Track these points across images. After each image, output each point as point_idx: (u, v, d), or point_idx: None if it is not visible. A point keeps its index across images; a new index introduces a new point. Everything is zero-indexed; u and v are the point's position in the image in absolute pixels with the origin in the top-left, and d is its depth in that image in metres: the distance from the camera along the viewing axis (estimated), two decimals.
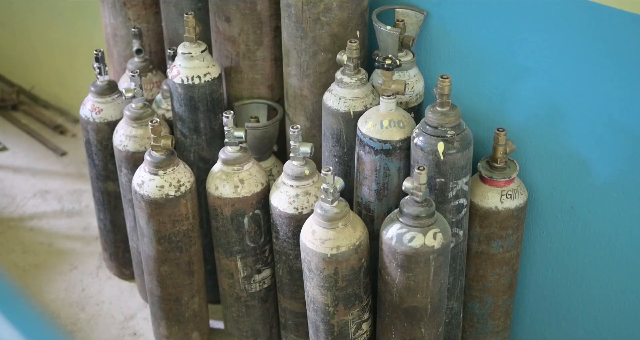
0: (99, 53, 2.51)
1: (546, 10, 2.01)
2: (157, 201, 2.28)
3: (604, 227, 2.15)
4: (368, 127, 2.10)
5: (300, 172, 2.18)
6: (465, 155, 2.04)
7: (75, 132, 3.65)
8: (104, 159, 2.61)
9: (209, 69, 2.35)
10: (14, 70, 4.02)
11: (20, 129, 3.70)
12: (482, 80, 2.20)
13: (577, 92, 2.04)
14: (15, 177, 3.43)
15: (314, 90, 2.29)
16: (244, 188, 2.26)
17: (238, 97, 2.49)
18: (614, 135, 2.03)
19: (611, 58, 1.95)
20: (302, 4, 2.18)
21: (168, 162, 2.27)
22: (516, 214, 2.17)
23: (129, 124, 2.45)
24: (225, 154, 2.27)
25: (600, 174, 2.09)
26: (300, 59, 2.26)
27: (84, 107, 2.58)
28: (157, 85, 2.71)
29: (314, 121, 2.33)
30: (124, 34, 2.72)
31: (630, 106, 1.98)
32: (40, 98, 3.88)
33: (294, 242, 2.22)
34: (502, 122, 2.19)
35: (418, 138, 2.04)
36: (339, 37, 2.21)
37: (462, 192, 2.09)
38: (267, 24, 2.37)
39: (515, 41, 2.10)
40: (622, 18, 1.89)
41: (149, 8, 2.69)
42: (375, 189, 2.15)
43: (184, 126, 2.42)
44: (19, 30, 3.87)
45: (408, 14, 2.23)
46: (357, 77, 2.16)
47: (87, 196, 3.27)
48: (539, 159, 2.18)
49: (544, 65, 2.07)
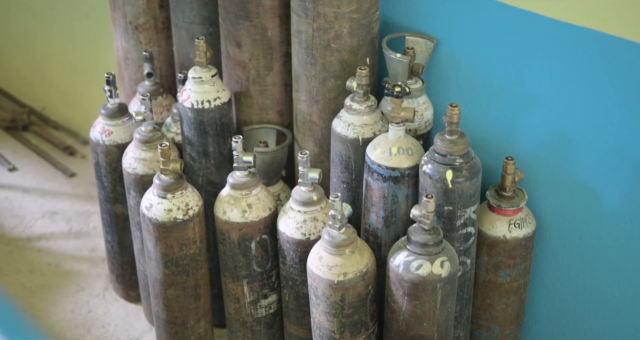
0: (110, 76, 2.52)
1: (555, 39, 2.01)
2: (165, 224, 2.28)
3: (613, 257, 2.14)
4: (377, 154, 2.10)
5: (309, 197, 2.18)
6: (474, 183, 2.04)
7: (85, 154, 3.66)
8: (113, 181, 2.62)
9: (219, 93, 2.36)
10: (25, 90, 4.04)
11: (30, 150, 3.72)
12: (491, 109, 2.21)
13: (586, 122, 2.04)
14: (24, 197, 3.44)
15: (323, 116, 2.30)
16: (251, 213, 2.26)
17: (247, 121, 2.50)
18: (623, 165, 2.02)
19: (620, 87, 1.96)
20: (312, 30, 2.19)
21: (176, 185, 2.27)
22: (524, 243, 2.17)
23: (139, 147, 2.46)
24: (234, 178, 2.27)
25: (609, 203, 2.08)
26: (310, 85, 2.27)
27: (94, 130, 2.59)
28: (167, 108, 2.72)
29: (323, 147, 2.34)
30: (135, 57, 2.74)
31: (639, 136, 1.97)
32: (51, 119, 3.90)
33: (301, 268, 2.22)
34: (511, 150, 2.19)
35: (426, 166, 2.04)
36: (349, 63, 2.22)
37: (470, 221, 2.09)
38: (277, 49, 2.38)
39: (524, 70, 2.11)
40: (631, 48, 1.89)
41: (161, 32, 2.71)
42: (383, 216, 2.15)
43: (193, 150, 2.43)
44: (31, 51, 3.90)
45: (418, 42, 2.24)
46: (366, 103, 2.16)
47: (95, 218, 3.28)
48: (548, 188, 2.18)
49: (553, 94, 2.08)
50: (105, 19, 2.98)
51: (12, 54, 4.04)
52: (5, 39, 4.04)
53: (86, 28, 3.50)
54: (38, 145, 3.75)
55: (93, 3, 3.38)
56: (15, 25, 3.93)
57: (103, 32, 3.30)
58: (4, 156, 3.67)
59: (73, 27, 3.57)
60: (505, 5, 2.07)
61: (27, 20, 3.83)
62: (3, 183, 3.52)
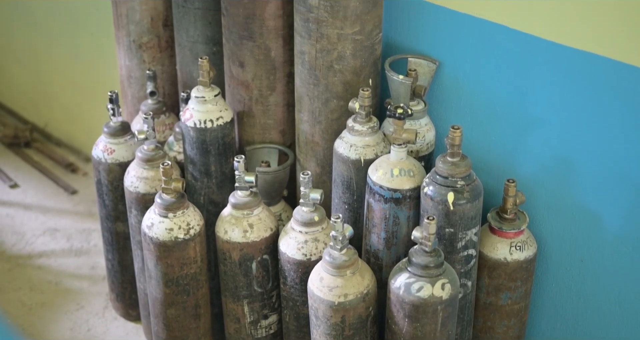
0: (113, 94, 2.53)
1: (557, 62, 2.02)
2: (166, 244, 2.28)
3: (614, 281, 2.13)
4: (378, 175, 2.10)
5: (310, 218, 2.18)
6: (475, 205, 2.04)
7: (87, 171, 3.67)
8: (114, 199, 2.62)
9: (221, 113, 2.36)
10: (28, 107, 4.05)
11: (32, 166, 3.72)
12: (493, 131, 2.21)
13: (588, 145, 2.05)
14: (25, 214, 3.44)
15: (325, 136, 2.30)
16: (253, 233, 2.26)
17: (250, 141, 2.51)
18: (624, 189, 2.02)
19: (622, 111, 1.96)
20: (315, 51, 2.20)
21: (178, 205, 2.28)
22: (525, 266, 2.17)
23: (141, 166, 2.46)
24: (236, 198, 2.27)
25: (611, 227, 2.08)
26: (313, 105, 2.27)
27: (97, 148, 2.60)
28: (169, 127, 2.72)
29: (325, 167, 2.34)
30: (138, 75, 2.75)
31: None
32: (53, 136, 3.90)
33: (301, 289, 2.22)
34: (512, 173, 2.19)
35: (428, 187, 2.04)
36: (352, 84, 2.23)
37: (471, 243, 2.09)
38: (280, 70, 2.39)
39: (526, 92, 2.11)
40: (632, 72, 1.90)
41: (164, 51, 2.72)
42: (384, 237, 2.15)
43: (195, 169, 2.43)
44: (35, 68, 3.91)
45: (420, 64, 2.25)
46: (368, 125, 2.17)
47: (96, 235, 3.27)
48: (549, 211, 2.18)
49: (554, 117, 2.08)
50: (109, 37, 2.99)
51: (16, 70, 4.05)
52: (9, 56, 4.05)
53: (90, 46, 3.51)
54: (40, 162, 3.76)
55: (97, 21, 3.39)
56: (19, 41, 3.94)
57: (107, 50, 3.31)
58: (5, 173, 3.67)
59: (77, 44, 3.58)
60: (507, 28, 2.07)
61: (31, 37, 3.84)
62: (4, 200, 3.52)
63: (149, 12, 2.65)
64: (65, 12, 3.60)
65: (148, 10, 2.65)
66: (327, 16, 2.14)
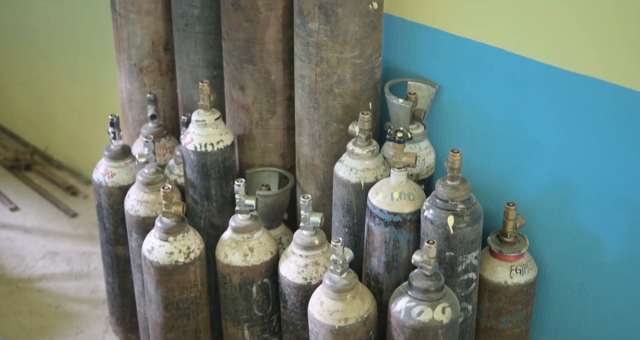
0: (114, 118, 2.54)
1: (556, 86, 2.03)
2: (166, 268, 2.28)
3: (615, 304, 2.13)
4: (378, 199, 2.10)
5: (310, 242, 2.18)
6: (475, 229, 2.04)
7: (87, 194, 3.67)
8: (114, 223, 2.62)
9: (222, 136, 2.37)
10: (29, 130, 4.07)
11: (32, 189, 3.73)
12: (492, 154, 2.22)
13: (587, 168, 2.05)
14: (25, 237, 3.44)
15: (325, 160, 2.31)
16: (253, 256, 2.26)
17: (250, 164, 2.51)
18: (624, 212, 2.03)
19: (620, 134, 1.97)
20: (315, 75, 2.21)
21: (178, 228, 2.28)
22: (526, 289, 2.16)
23: (141, 189, 2.46)
24: (236, 221, 2.27)
25: (611, 250, 2.08)
26: (313, 128, 2.28)
27: (97, 171, 2.60)
28: (170, 150, 2.73)
29: (325, 191, 2.34)
30: (139, 99, 2.76)
31: (639, 183, 1.98)
32: (54, 158, 3.91)
33: (302, 313, 2.21)
34: (512, 195, 2.19)
35: (428, 211, 2.04)
36: (352, 108, 2.23)
37: (472, 267, 2.09)
38: (280, 93, 2.40)
39: (525, 116, 2.12)
40: (630, 96, 1.90)
41: (165, 74, 2.73)
42: (384, 261, 2.15)
43: (196, 192, 2.43)
44: (35, 90, 3.93)
45: (420, 87, 2.25)
46: (368, 148, 2.17)
47: (96, 258, 3.27)
48: (549, 234, 2.18)
49: (553, 140, 2.09)
50: (110, 60, 3.01)
51: (17, 93, 4.07)
52: (11, 79, 4.07)
53: (91, 69, 3.53)
54: (41, 184, 3.76)
55: (98, 45, 3.41)
56: (20, 64, 3.96)
57: (107, 74, 3.32)
58: (6, 196, 3.68)
59: (78, 67, 3.60)
60: (506, 52, 2.09)
61: (32, 60, 3.86)
62: (5, 223, 3.53)
63: (150, 36, 2.67)
64: (66, 35, 3.62)
65: (149, 34, 2.67)
66: (327, 40, 2.15)
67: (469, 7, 2.12)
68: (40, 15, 3.73)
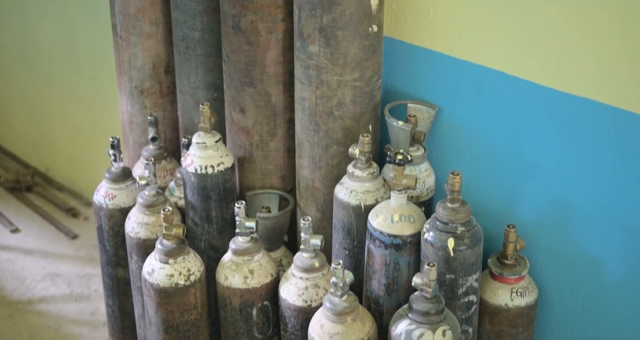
0: (114, 140, 2.54)
1: (555, 108, 2.03)
2: (166, 290, 2.27)
3: (616, 326, 2.12)
4: (378, 221, 2.10)
5: (310, 264, 2.18)
6: (476, 251, 2.04)
7: (88, 215, 3.67)
8: (115, 245, 2.62)
9: (222, 158, 2.38)
10: (30, 151, 4.07)
11: (33, 211, 3.73)
12: (492, 176, 2.22)
13: (587, 190, 2.05)
14: (26, 259, 3.44)
15: (325, 182, 2.31)
16: (253, 279, 2.26)
17: (250, 186, 2.51)
18: (624, 234, 2.03)
19: (620, 156, 1.97)
20: (316, 97, 2.22)
21: (179, 250, 2.28)
22: (526, 312, 2.16)
23: (142, 211, 2.47)
24: (236, 244, 2.27)
25: (611, 272, 2.08)
26: (313, 151, 2.29)
27: (98, 193, 2.60)
28: (170, 172, 2.73)
29: (325, 213, 2.34)
30: (140, 121, 2.77)
31: (639, 204, 1.98)
32: (55, 180, 3.92)
33: (302, 335, 2.21)
34: (512, 217, 2.20)
35: (428, 233, 2.04)
36: (352, 130, 2.24)
37: (472, 289, 2.08)
38: (281, 116, 2.40)
39: (524, 138, 2.12)
40: (629, 118, 1.91)
41: (166, 97, 2.74)
42: (384, 284, 2.15)
43: (196, 215, 2.43)
44: (37, 112, 3.94)
45: (420, 110, 2.26)
46: (368, 170, 2.18)
47: (96, 280, 3.27)
48: (549, 256, 2.18)
49: (553, 162, 2.09)
50: (111, 82, 3.02)
51: (18, 115, 4.08)
52: (12, 101, 4.09)
53: (92, 91, 3.54)
54: (41, 206, 3.76)
55: (99, 67, 3.43)
56: (22, 86, 3.97)
57: (108, 96, 3.34)
58: (7, 217, 3.68)
59: (79, 89, 3.61)
60: (505, 75, 2.09)
61: (34, 81, 3.88)
62: (5, 244, 3.53)
63: (150, 58, 2.68)
64: (67, 57, 3.63)
65: (150, 57, 2.68)
66: (327, 63, 2.16)
67: (468, 29, 2.13)
68: (41, 37, 3.75)
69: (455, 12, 2.14)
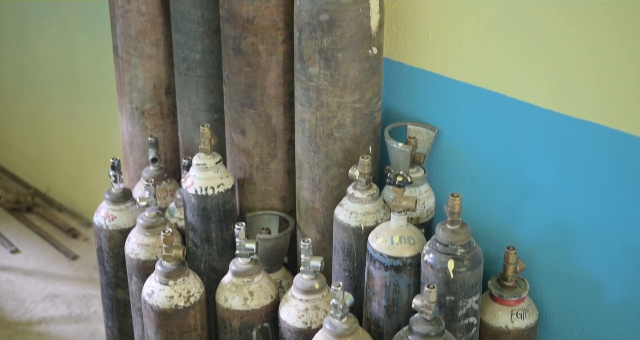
0: (115, 161, 2.55)
1: (555, 130, 2.04)
2: (166, 312, 2.27)
3: None
4: (378, 243, 2.10)
5: (310, 286, 2.17)
6: (476, 273, 2.04)
7: (88, 236, 3.67)
8: (115, 266, 2.62)
9: (222, 180, 2.38)
10: (30, 172, 4.08)
11: (33, 231, 3.73)
12: (492, 197, 2.22)
13: (588, 212, 2.05)
14: (25, 280, 3.43)
15: (325, 203, 2.31)
16: (253, 300, 2.26)
17: (250, 208, 2.52)
18: (624, 256, 2.02)
19: (620, 179, 1.97)
20: (316, 119, 2.22)
21: (178, 272, 2.27)
22: (527, 334, 2.15)
23: (142, 233, 2.47)
24: (236, 265, 2.27)
25: (612, 295, 2.07)
26: (313, 172, 2.29)
27: (98, 214, 2.61)
28: (171, 193, 2.74)
29: (325, 234, 2.34)
30: (140, 142, 2.77)
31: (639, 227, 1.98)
32: (55, 200, 3.92)
33: None
34: (512, 239, 2.19)
35: (428, 255, 2.04)
36: (352, 152, 2.24)
37: (472, 311, 2.08)
38: (281, 137, 2.41)
39: (524, 160, 2.13)
40: (630, 141, 1.91)
41: (166, 118, 2.75)
42: (384, 305, 2.14)
43: (196, 236, 2.43)
44: (37, 132, 3.95)
45: (420, 131, 2.27)
46: (368, 192, 2.18)
47: (96, 301, 3.27)
48: (550, 278, 2.17)
49: (553, 184, 2.09)
50: (112, 103, 3.03)
51: (19, 135, 4.09)
52: (13, 121, 4.10)
53: (92, 112, 3.55)
54: (41, 226, 3.76)
55: (100, 88, 3.44)
56: (23, 107, 3.98)
57: (109, 116, 3.35)
58: (7, 238, 3.68)
59: (80, 110, 3.62)
60: (505, 97, 2.10)
61: (35, 102, 3.89)
62: (5, 265, 3.52)
63: (151, 80, 2.69)
64: (68, 79, 3.65)
65: (151, 78, 2.69)
66: (327, 85, 2.17)
67: (468, 51, 2.14)
68: (42, 57, 3.77)
69: (454, 34, 2.16)
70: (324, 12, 2.11)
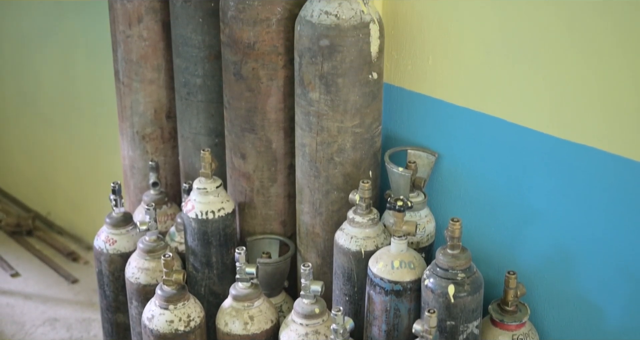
0: (115, 185, 2.55)
1: (555, 155, 2.04)
2: (166, 336, 2.26)
3: None
4: (379, 268, 2.10)
5: (311, 310, 2.17)
6: (476, 298, 2.04)
7: (88, 259, 3.67)
8: (115, 290, 2.62)
9: (223, 204, 2.38)
10: (31, 195, 4.08)
11: (33, 255, 3.73)
12: (492, 222, 2.22)
13: (588, 237, 2.05)
14: (25, 303, 3.43)
15: (325, 228, 2.31)
16: (253, 325, 2.25)
17: (251, 232, 2.52)
18: (625, 281, 2.02)
19: (621, 204, 1.97)
20: (316, 143, 2.23)
21: (179, 296, 2.27)
22: None
23: (142, 257, 2.47)
24: (236, 290, 2.27)
25: (612, 319, 2.07)
26: (313, 197, 2.29)
27: (98, 238, 2.61)
28: (171, 217, 2.74)
29: (325, 258, 2.34)
30: (141, 166, 2.78)
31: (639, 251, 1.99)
32: (56, 224, 3.92)
33: None
34: (512, 263, 2.19)
35: (428, 280, 2.04)
36: (352, 176, 2.25)
37: (473, 336, 2.07)
38: (281, 161, 2.42)
39: (525, 184, 2.13)
40: (629, 166, 1.92)
41: (167, 142, 2.76)
42: (385, 330, 2.14)
43: (196, 260, 2.43)
44: (38, 156, 3.96)
45: (420, 156, 2.27)
46: (368, 216, 2.18)
47: (96, 325, 3.26)
48: (550, 302, 2.17)
49: (554, 208, 2.10)
50: (113, 127, 3.04)
51: (20, 159, 4.10)
52: (14, 144, 4.11)
53: (93, 136, 3.56)
54: (42, 250, 3.76)
55: (101, 112, 3.45)
56: (24, 130, 3.99)
57: (110, 140, 3.35)
58: (7, 261, 3.68)
59: (80, 134, 3.63)
60: (505, 122, 2.11)
61: (36, 126, 3.90)
62: (5, 289, 3.52)
63: (152, 104, 2.70)
64: (69, 103, 3.66)
65: (152, 103, 2.70)
66: (328, 110, 2.18)
67: (468, 76, 2.15)
68: (43, 82, 3.78)
69: (454, 59, 2.17)
70: (325, 38, 2.12)
